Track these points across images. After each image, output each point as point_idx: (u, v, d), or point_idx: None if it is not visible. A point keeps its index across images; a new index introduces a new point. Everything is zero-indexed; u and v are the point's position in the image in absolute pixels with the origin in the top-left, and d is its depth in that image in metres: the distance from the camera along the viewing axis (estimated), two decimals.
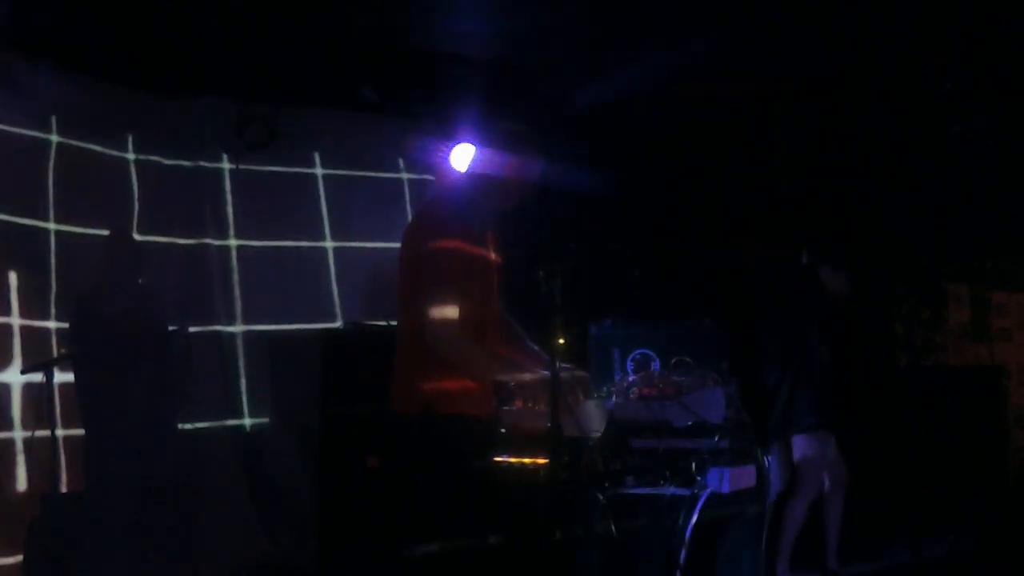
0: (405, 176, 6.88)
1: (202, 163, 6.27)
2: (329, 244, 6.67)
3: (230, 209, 6.37)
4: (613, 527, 3.57)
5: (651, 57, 6.11)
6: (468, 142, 3.72)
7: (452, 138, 5.11)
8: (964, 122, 6.59)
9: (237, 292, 6.32)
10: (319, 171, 6.69)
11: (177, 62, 5.68)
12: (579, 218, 6.46)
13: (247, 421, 6.26)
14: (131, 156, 6.08)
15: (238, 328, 6.30)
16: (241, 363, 6.29)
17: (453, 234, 3.44)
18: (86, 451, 5.37)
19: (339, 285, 6.62)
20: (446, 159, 5.20)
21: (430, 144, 6.53)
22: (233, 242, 6.36)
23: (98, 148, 5.90)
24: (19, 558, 5.06)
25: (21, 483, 5.29)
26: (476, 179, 3.65)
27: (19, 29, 5.12)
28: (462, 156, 4.75)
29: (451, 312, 3.36)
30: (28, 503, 5.19)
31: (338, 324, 6.41)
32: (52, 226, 5.66)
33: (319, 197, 6.67)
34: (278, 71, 5.91)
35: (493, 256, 3.67)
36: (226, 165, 6.36)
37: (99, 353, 5.34)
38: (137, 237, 5.93)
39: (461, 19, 5.66)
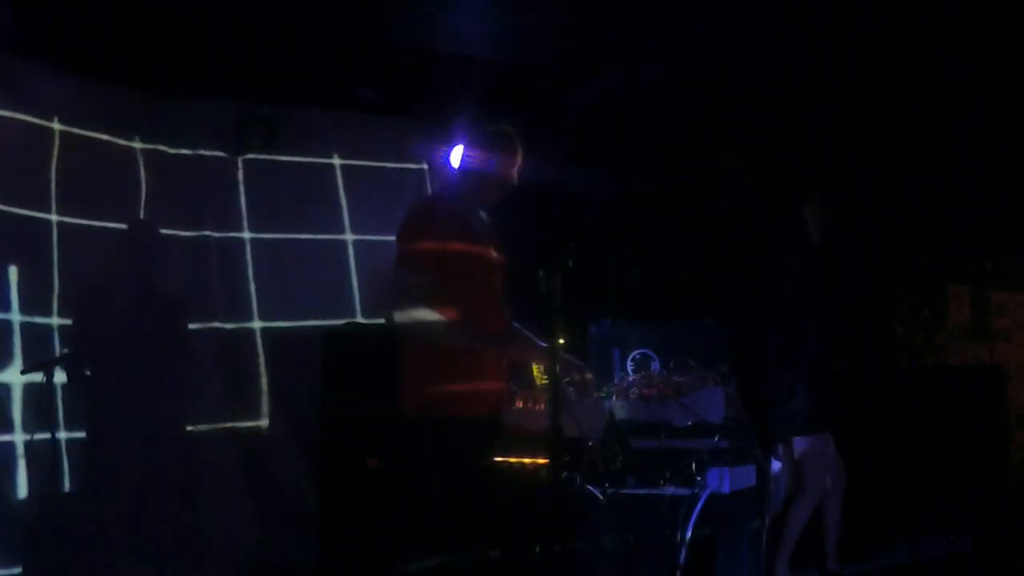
0: (427, 167, 6.77)
1: (212, 153, 6.23)
2: (349, 237, 6.63)
3: (243, 201, 6.32)
4: (613, 528, 3.57)
5: (651, 55, 6.11)
6: (466, 142, 3.74)
7: (451, 138, 5.12)
8: (964, 122, 6.59)
9: (252, 287, 6.28)
10: (337, 161, 6.63)
11: (178, 62, 5.67)
12: (579, 218, 6.46)
13: (263, 422, 6.22)
14: (138, 145, 6.02)
15: (256, 324, 6.27)
16: (262, 360, 6.25)
17: (433, 234, 3.48)
18: (86, 449, 5.34)
19: (359, 280, 6.55)
20: (444, 158, 5.21)
21: (430, 143, 6.55)
22: (247, 235, 6.33)
23: (104, 137, 5.83)
24: (19, 569, 5.02)
25: (22, 489, 5.24)
26: (471, 177, 3.67)
27: (19, 29, 5.12)
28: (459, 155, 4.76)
29: (423, 310, 3.41)
30: (30, 511, 5.14)
31: (359, 320, 6.37)
32: (54, 217, 5.58)
33: (338, 189, 6.62)
34: (280, 71, 5.91)
35: (494, 255, 3.68)
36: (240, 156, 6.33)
37: (99, 351, 5.29)
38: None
39: (462, 19, 5.67)
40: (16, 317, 5.38)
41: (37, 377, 5.12)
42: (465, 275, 3.52)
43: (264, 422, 6.24)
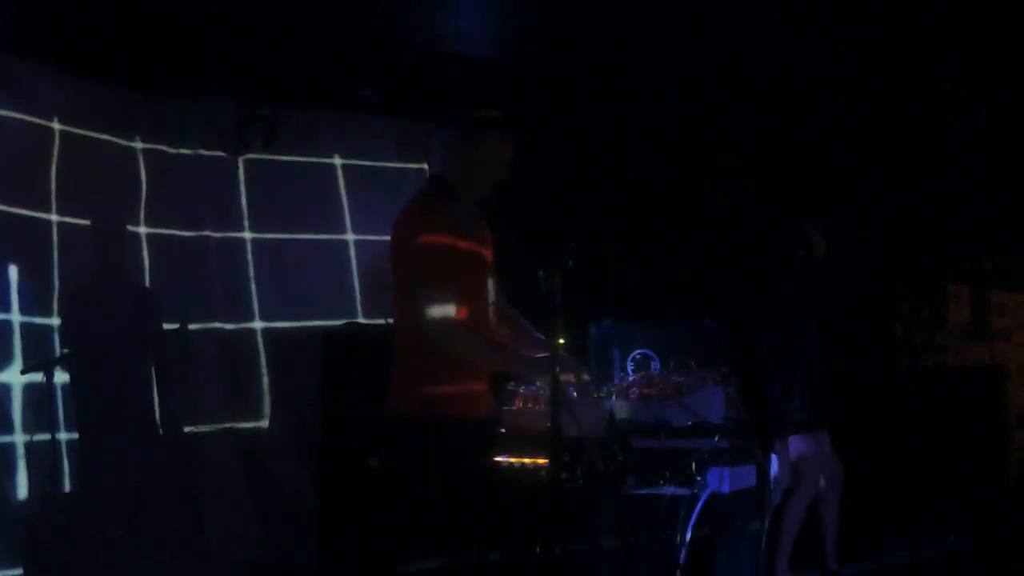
0: (427, 166, 6.75)
1: (213, 153, 6.22)
2: (350, 237, 6.61)
3: (244, 201, 6.30)
4: (613, 528, 3.57)
5: (649, 56, 6.11)
6: (454, 133, 3.68)
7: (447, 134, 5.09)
8: (964, 122, 6.59)
9: (253, 287, 6.26)
10: (338, 161, 6.63)
11: (178, 62, 5.67)
12: (579, 218, 6.46)
13: (264, 423, 6.20)
14: (139, 145, 6.01)
15: (257, 324, 6.26)
16: (263, 361, 6.22)
17: (442, 228, 3.44)
18: (81, 451, 5.32)
19: (360, 279, 6.54)
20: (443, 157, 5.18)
21: (430, 143, 6.54)
22: (248, 235, 6.31)
23: (104, 136, 5.81)
24: (20, 570, 5.01)
25: (22, 489, 5.23)
26: (463, 169, 3.62)
27: (19, 29, 5.11)
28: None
29: (449, 309, 3.35)
30: (30, 511, 5.13)
31: (360, 320, 6.37)
32: (55, 217, 5.57)
33: (339, 188, 6.60)
34: (280, 71, 5.91)
35: (484, 249, 3.66)
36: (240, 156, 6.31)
37: (95, 351, 5.28)
38: (144, 229, 5.88)
39: (462, 19, 5.67)
40: (16, 317, 5.37)
41: (37, 377, 5.11)
42: (469, 272, 3.51)
43: (265, 422, 6.24)
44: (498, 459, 3.49)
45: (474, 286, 3.51)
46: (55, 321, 5.50)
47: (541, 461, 3.35)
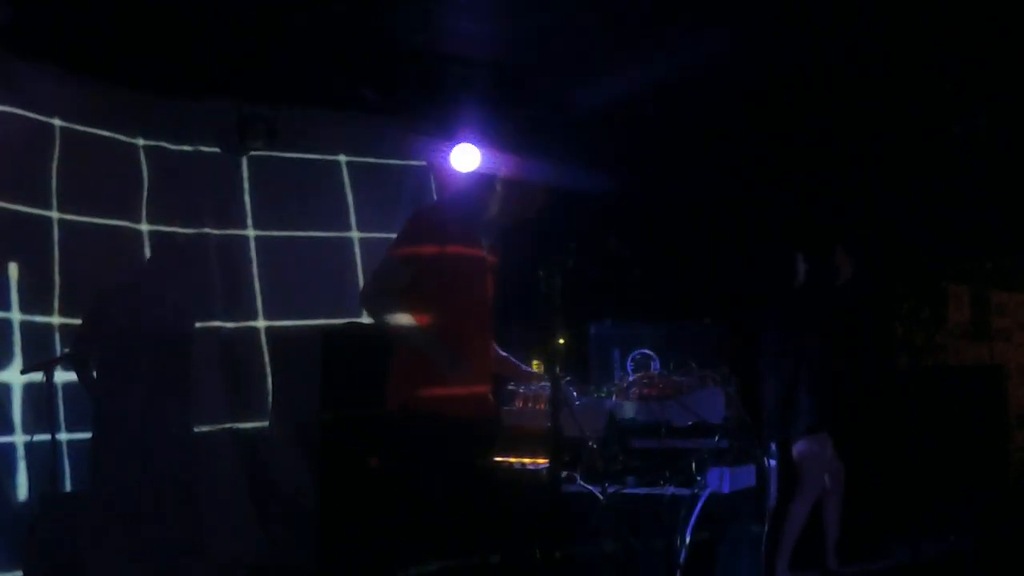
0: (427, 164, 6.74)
1: (214, 151, 6.21)
2: (355, 235, 6.59)
3: (247, 199, 6.29)
4: (613, 528, 3.57)
5: (651, 57, 6.11)
6: (468, 143, 3.74)
7: (452, 139, 5.13)
8: (964, 122, 6.59)
9: (256, 286, 6.26)
10: (343, 159, 6.60)
11: (178, 62, 5.67)
12: (579, 218, 6.45)
13: (266, 423, 6.19)
14: (140, 142, 6.00)
15: (260, 323, 6.25)
16: (266, 360, 6.21)
17: (452, 239, 3.48)
18: (93, 450, 5.32)
19: (365, 277, 6.50)
20: (444, 158, 5.22)
21: (430, 143, 6.55)
22: (251, 232, 6.30)
23: (106, 133, 5.79)
24: (20, 572, 5.00)
25: (22, 490, 5.22)
26: (479, 180, 3.66)
27: (19, 29, 5.11)
28: (462, 157, 4.77)
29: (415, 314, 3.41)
30: (31, 512, 5.12)
31: (362, 320, 6.36)
32: (55, 215, 5.54)
33: (344, 186, 6.58)
34: (280, 71, 5.91)
35: (489, 259, 3.68)
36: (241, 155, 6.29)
37: (110, 353, 5.28)
38: (145, 227, 5.87)
39: (463, 19, 5.66)
40: (16, 316, 5.34)
41: (37, 377, 5.10)
42: (453, 278, 3.53)
43: (265, 422, 6.23)
44: (498, 459, 3.49)
45: (456, 289, 3.54)
46: (55, 320, 5.49)
47: (541, 461, 3.36)
